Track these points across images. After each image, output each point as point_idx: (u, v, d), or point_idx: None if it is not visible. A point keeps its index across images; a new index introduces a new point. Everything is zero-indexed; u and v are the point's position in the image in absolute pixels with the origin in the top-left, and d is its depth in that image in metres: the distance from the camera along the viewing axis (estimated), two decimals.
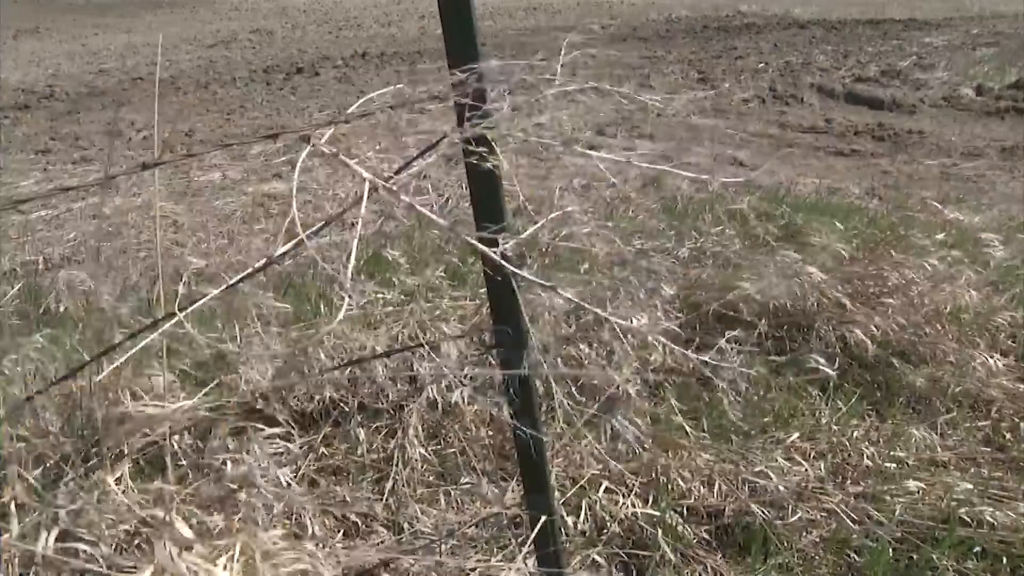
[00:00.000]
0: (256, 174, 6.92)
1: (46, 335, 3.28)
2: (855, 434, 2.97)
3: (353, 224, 4.14)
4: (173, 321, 1.37)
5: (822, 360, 3.22)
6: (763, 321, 3.44)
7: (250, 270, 1.37)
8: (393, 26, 23.02)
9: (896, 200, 5.92)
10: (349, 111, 1.33)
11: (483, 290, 2.61)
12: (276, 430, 2.44)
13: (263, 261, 1.38)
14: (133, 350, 1.32)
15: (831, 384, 3.23)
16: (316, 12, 28.36)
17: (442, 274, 3.58)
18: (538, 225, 1.39)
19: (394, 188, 1.34)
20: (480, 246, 1.28)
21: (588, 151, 1.30)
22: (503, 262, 1.31)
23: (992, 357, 3.43)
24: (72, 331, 3.31)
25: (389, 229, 3.79)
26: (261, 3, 31.94)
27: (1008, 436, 3.06)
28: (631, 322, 2.61)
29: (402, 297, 3.29)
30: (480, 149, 1.30)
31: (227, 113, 10.57)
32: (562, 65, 1.57)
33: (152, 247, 4.97)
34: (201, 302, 1.39)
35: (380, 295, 3.24)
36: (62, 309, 3.71)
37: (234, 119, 10.18)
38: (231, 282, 1.39)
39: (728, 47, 16.68)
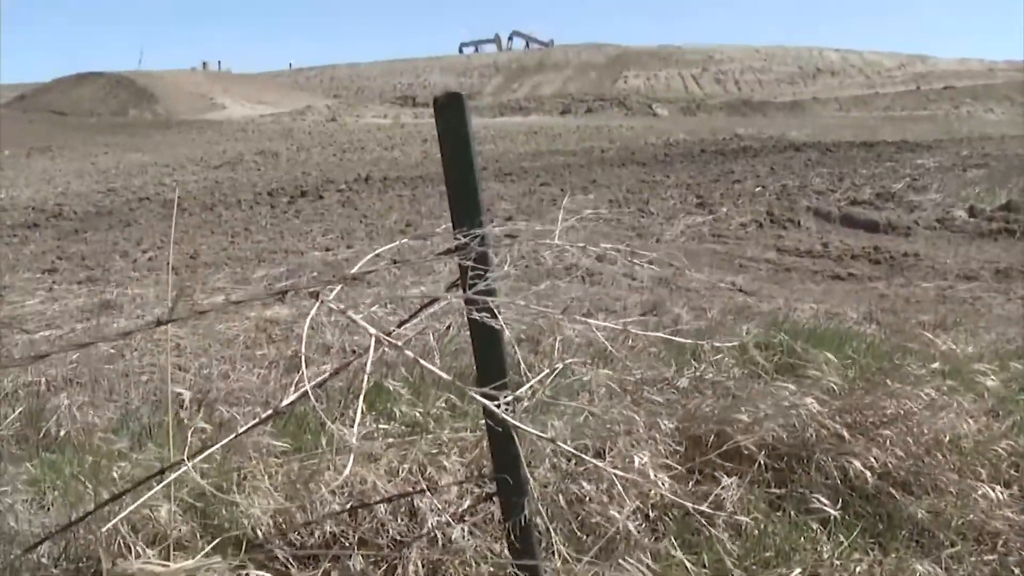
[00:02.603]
0: (258, 298, 6.99)
1: (46, 460, 3.29)
2: (858, 569, 2.93)
3: (355, 352, 4.19)
4: (180, 471, 1.39)
5: (824, 500, 3.20)
6: (762, 453, 3.44)
7: (255, 421, 1.40)
8: (396, 149, 23.61)
9: (893, 325, 5.97)
10: (355, 269, 1.39)
11: (483, 421, 2.64)
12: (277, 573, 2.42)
13: (268, 412, 1.41)
14: (139, 501, 1.35)
15: (832, 517, 3.20)
16: (321, 135, 29.13)
17: (443, 404, 3.60)
18: (534, 380, 1.44)
19: (398, 343, 1.39)
20: (484, 401, 1.32)
21: (587, 319, 1.35)
22: (505, 417, 1.35)
23: (994, 488, 3.40)
24: (73, 458, 3.31)
25: (390, 359, 3.83)
26: (267, 125, 32.79)
27: (1017, 571, 3.01)
28: (632, 461, 2.62)
29: (403, 428, 3.31)
30: (482, 314, 1.35)
31: (232, 235, 10.74)
32: (564, 220, 1.64)
33: (154, 371, 5.00)
34: (207, 452, 1.42)
35: (382, 428, 3.26)
36: (62, 434, 3.71)
37: (238, 241, 10.34)
38: (236, 433, 1.42)
39: (726, 171, 17.08)
